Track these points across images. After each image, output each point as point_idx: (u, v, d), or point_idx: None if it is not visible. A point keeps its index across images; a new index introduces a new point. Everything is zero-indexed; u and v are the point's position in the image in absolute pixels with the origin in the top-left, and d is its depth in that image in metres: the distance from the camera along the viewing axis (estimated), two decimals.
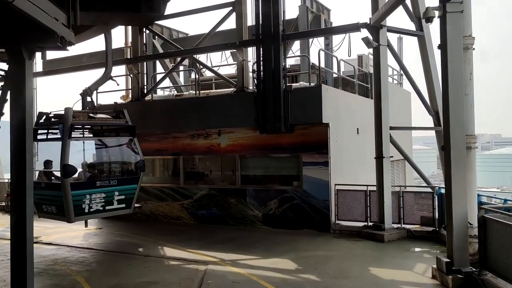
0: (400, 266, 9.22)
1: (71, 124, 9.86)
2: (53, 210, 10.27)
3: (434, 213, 11.58)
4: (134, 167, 11.41)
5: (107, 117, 11.18)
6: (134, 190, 11.07)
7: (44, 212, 10.60)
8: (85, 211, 10.06)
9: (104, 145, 11.84)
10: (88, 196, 10.05)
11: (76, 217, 9.90)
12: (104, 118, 11.03)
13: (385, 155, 11.86)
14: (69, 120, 9.87)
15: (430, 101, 13.08)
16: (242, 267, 9.37)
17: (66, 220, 10.04)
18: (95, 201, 10.19)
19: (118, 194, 10.64)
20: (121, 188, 10.72)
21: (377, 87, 12.00)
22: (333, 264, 9.57)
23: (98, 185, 10.39)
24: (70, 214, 9.75)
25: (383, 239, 11.34)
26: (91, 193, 10.11)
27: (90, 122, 10.76)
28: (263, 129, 12.82)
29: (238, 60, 13.81)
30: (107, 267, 9.62)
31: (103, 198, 10.35)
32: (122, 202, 10.79)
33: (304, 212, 13.01)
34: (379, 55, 11.86)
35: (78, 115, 10.41)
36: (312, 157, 12.90)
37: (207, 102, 14.31)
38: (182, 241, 12.02)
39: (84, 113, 10.72)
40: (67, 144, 9.68)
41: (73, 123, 9.97)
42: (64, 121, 9.92)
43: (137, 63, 15.74)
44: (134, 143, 11.24)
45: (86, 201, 10.02)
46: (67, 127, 9.77)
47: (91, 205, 10.11)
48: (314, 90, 12.54)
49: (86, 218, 10.65)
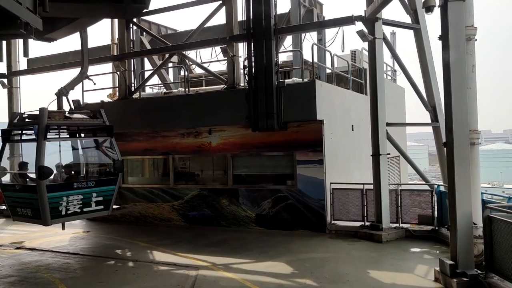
0: (400, 268, 8.81)
1: (46, 124, 9.67)
2: (28, 213, 10.04)
3: (433, 211, 11.21)
4: (113, 168, 11.22)
5: (84, 117, 11.00)
6: (113, 191, 10.96)
7: (19, 215, 10.32)
8: (62, 214, 9.91)
9: (81, 145, 11.67)
10: (65, 198, 9.90)
11: (52, 219, 9.76)
12: (80, 118, 10.85)
13: (382, 152, 11.46)
14: (44, 121, 9.68)
15: (427, 96, 12.72)
16: (235, 272, 8.92)
17: (42, 223, 9.87)
18: (72, 203, 10.05)
19: (96, 196, 10.54)
20: (99, 189, 10.60)
21: (373, 82, 11.59)
22: (330, 267, 9.15)
23: (75, 186, 10.25)
24: (46, 217, 9.58)
25: (381, 240, 10.95)
26: (68, 195, 9.96)
27: (66, 123, 10.60)
28: (255, 126, 12.36)
29: (229, 56, 13.32)
30: (93, 274, 9.10)
31: (80, 200, 10.23)
32: (100, 204, 10.69)
33: (298, 212, 12.58)
34: (375, 49, 11.44)
35: (54, 115, 10.25)
36: (307, 155, 12.48)
37: (197, 99, 13.82)
38: (172, 244, 11.54)
39: (60, 113, 10.54)
40: (42, 145, 9.49)
41: (48, 123, 9.80)
42: (38, 122, 9.69)
43: (124, 60, 15.20)
44: (112, 144, 11.09)
45: (63, 203, 9.87)
46: (42, 128, 9.58)
47: (68, 207, 9.97)
48: (308, 86, 12.10)
49: (63, 221, 10.46)
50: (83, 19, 10.30)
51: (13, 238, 13.06)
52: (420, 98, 12.62)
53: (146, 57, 17.49)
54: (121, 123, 14.88)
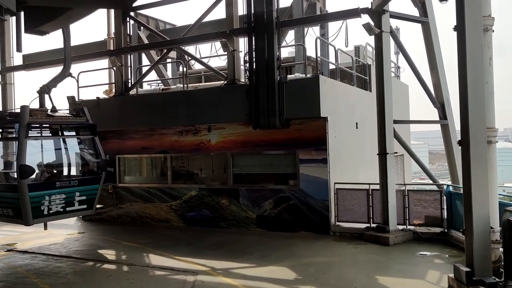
0: (410, 274, 8.32)
1: (27, 123, 9.53)
2: (9, 212, 9.93)
3: (442, 213, 10.72)
4: (96, 167, 11.12)
5: (67, 115, 10.92)
6: (96, 191, 10.87)
7: (0, 215, 10.10)
8: (44, 213, 9.79)
9: (64, 144, 11.51)
10: (47, 198, 9.78)
11: (34, 219, 9.65)
12: (63, 117, 10.78)
13: (388, 151, 10.96)
14: (26, 119, 9.53)
15: (435, 93, 12.23)
16: (235, 277, 8.42)
17: (24, 223, 9.79)
18: (54, 203, 9.93)
19: (79, 195, 10.43)
20: (82, 188, 10.49)
21: (379, 78, 11.08)
22: (335, 272, 8.66)
23: (58, 185, 10.12)
24: (28, 217, 9.47)
25: (388, 242, 10.46)
26: (50, 194, 9.84)
27: (48, 121, 10.51)
28: (256, 124, 11.85)
29: (229, 51, 12.81)
30: (85, 280, 8.60)
31: (63, 199, 10.10)
32: (83, 203, 10.60)
33: (301, 213, 12.09)
34: (382, 43, 10.93)
35: (36, 113, 10.14)
36: (310, 154, 11.98)
37: (196, 96, 13.31)
38: (170, 247, 11.05)
39: (42, 111, 10.43)
40: (23, 143, 9.36)
41: (30, 121, 9.66)
42: (20, 120, 9.54)
43: (120, 55, 14.67)
44: (95, 142, 10.97)
45: (45, 203, 9.75)
46: (23, 126, 9.43)
47: (50, 206, 9.85)
48: (312, 81, 11.59)
49: (46, 221, 10.35)
50: (75, 10, 9.85)
51: (4, 240, 12.58)
52: (428, 95, 12.13)
53: (144, 52, 17.02)
54: (117, 120, 14.47)
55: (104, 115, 14.53)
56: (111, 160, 14.16)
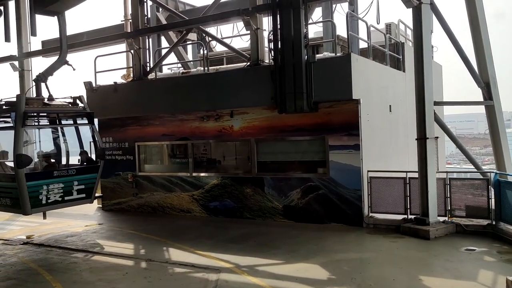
0: (459, 274, 7.38)
1: (24, 111, 9.50)
2: (7, 202, 9.94)
3: (489, 203, 9.70)
4: (95, 156, 11.11)
5: (64, 103, 10.84)
6: (95, 180, 10.89)
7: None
8: (43, 203, 9.82)
9: (62, 133, 11.50)
10: (45, 187, 9.78)
11: (33, 209, 9.69)
12: (60, 105, 10.73)
13: (428, 135, 9.97)
14: (22, 107, 9.51)
15: (479, 72, 11.10)
16: (262, 277, 7.66)
17: (22, 213, 9.82)
18: (53, 192, 9.93)
19: (77, 184, 10.44)
20: (80, 177, 10.47)
21: (418, 54, 10.03)
22: (372, 270, 7.81)
23: (56, 175, 10.12)
24: (26, 206, 9.50)
25: (429, 236, 9.53)
26: (48, 184, 9.83)
27: (45, 109, 10.49)
28: (282, 108, 10.96)
29: (252, 29, 11.91)
30: (99, 278, 7.96)
31: (61, 189, 10.09)
32: (82, 192, 10.56)
33: (331, 204, 11.23)
34: (421, 15, 9.86)
35: (32, 102, 10.15)
36: (340, 140, 11.06)
37: (218, 79, 12.47)
38: (191, 240, 10.37)
39: (38, 100, 10.40)
40: (20, 132, 9.36)
41: (26, 110, 9.64)
42: (16, 109, 9.51)
43: (137, 37, 13.91)
44: (93, 131, 11.02)
45: (43, 192, 9.76)
46: (19, 115, 9.41)
47: (48, 196, 9.85)
48: (343, 60, 10.62)
49: (44, 210, 10.33)
50: None
51: (23, 231, 12.14)
52: (471, 74, 11.01)
53: (163, 34, 16.26)
54: (135, 106, 13.83)
55: (122, 100, 13.96)
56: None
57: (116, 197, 14.70)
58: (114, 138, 14.76)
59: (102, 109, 14.40)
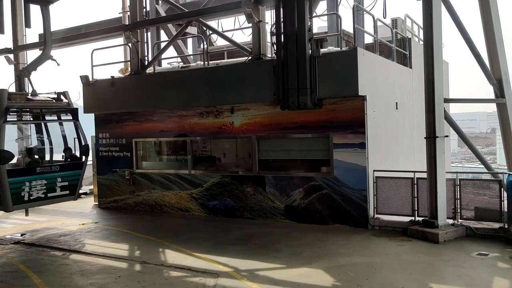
0: (472, 282, 6.93)
1: (6, 106, 9.48)
2: None
3: (502, 206, 9.25)
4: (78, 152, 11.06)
5: (47, 99, 10.80)
6: (79, 176, 10.79)
7: None
8: (25, 199, 9.77)
9: (45, 129, 11.41)
10: (27, 183, 9.71)
11: (14, 205, 9.58)
12: (43, 101, 10.70)
13: (438, 134, 9.50)
14: (4, 102, 9.48)
15: (491, 68, 10.63)
16: (262, 282, 7.22)
17: (3, 210, 9.73)
18: (35, 189, 9.86)
19: (61, 181, 10.40)
20: (64, 174, 10.44)
21: (428, 50, 9.56)
22: (379, 277, 7.37)
23: (39, 171, 10.07)
24: (7, 203, 9.44)
25: (438, 239, 9.08)
26: (31, 180, 9.77)
27: (28, 105, 10.40)
28: (284, 104, 10.51)
29: (254, 22, 11.43)
30: (90, 282, 7.53)
31: (44, 185, 10.03)
32: (65, 189, 10.53)
33: (335, 204, 10.79)
34: (432, 9, 9.39)
35: (14, 97, 10.06)
36: (345, 138, 10.61)
37: (218, 73, 12.01)
38: (189, 241, 9.95)
39: (21, 95, 10.34)
40: (2, 128, 9.33)
41: (9, 105, 9.62)
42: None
43: (135, 30, 13.45)
44: (77, 127, 10.94)
45: (25, 189, 9.70)
46: (1, 110, 9.38)
47: (31, 192, 9.79)
48: (349, 55, 10.15)
49: (27, 207, 10.34)
50: None
51: (15, 230, 11.71)
52: (483, 70, 10.53)
53: (162, 27, 15.79)
54: (133, 101, 13.39)
55: (119, 95, 13.51)
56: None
57: (113, 195, 14.27)
58: (111, 134, 14.33)
59: (99, 104, 14.00)
